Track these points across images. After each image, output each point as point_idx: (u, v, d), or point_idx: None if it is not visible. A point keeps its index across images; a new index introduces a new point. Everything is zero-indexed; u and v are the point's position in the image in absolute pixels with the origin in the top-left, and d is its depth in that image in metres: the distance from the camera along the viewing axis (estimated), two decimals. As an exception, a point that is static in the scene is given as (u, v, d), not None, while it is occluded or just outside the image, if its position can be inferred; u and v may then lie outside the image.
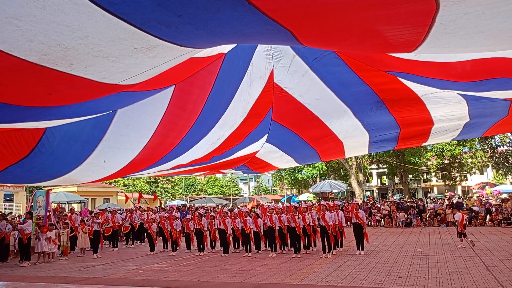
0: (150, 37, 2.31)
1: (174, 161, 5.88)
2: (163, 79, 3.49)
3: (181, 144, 4.94)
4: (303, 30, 2.44)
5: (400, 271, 7.98)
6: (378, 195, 48.79)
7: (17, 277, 9.24)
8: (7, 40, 2.00)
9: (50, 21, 1.98)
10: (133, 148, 4.22)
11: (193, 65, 3.63)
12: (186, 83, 4.00)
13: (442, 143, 33.57)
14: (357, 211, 10.77)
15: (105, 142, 3.74)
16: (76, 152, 3.66)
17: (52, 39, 2.08)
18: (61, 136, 3.36)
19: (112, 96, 2.91)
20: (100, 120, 3.52)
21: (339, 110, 6.13)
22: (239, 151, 6.81)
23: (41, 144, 3.29)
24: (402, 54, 4.09)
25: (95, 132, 3.59)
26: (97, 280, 8.48)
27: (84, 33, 2.12)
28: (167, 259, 11.27)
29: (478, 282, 6.72)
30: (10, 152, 3.23)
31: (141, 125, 4.00)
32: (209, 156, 6.35)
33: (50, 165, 3.60)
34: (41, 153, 3.37)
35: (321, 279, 7.48)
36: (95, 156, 3.87)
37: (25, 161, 3.39)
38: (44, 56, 2.16)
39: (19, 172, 3.61)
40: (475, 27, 2.29)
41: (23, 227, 11.15)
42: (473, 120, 6.13)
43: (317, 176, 37.80)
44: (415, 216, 19.13)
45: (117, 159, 4.24)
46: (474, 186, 40.27)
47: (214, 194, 47.95)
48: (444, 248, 10.92)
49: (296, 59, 4.99)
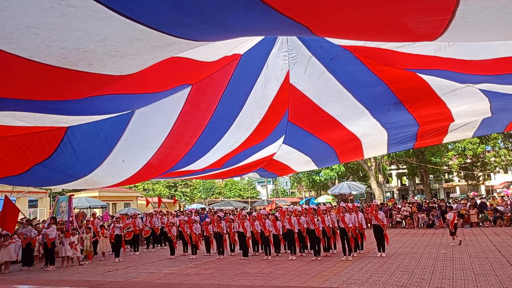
0: (167, 36, 2.37)
1: (192, 165, 5.91)
2: (180, 79, 3.56)
3: (197, 145, 4.98)
4: (319, 25, 2.44)
5: (424, 273, 7.81)
6: (398, 196, 48.00)
7: (42, 281, 9.46)
8: (27, 48, 2.08)
9: (69, 28, 2.06)
10: (150, 147, 4.32)
11: (211, 67, 3.68)
12: (202, 84, 4.05)
13: (463, 142, 32.80)
14: (377, 212, 10.62)
15: (123, 141, 3.86)
16: (95, 151, 3.78)
17: (71, 43, 2.16)
18: (81, 135, 3.50)
19: (133, 96, 2.98)
20: (119, 119, 3.63)
21: (357, 112, 6.06)
22: (256, 153, 6.80)
23: (63, 144, 3.43)
24: (422, 51, 4.02)
25: (113, 131, 3.71)
26: (120, 283, 8.60)
27: (102, 37, 2.20)
28: (187, 262, 11.34)
29: (506, 284, 6.52)
30: (33, 153, 3.37)
31: (157, 124, 4.10)
32: (227, 157, 6.37)
33: (72, 164, 3.73)
34: (63, 153, 3.50)
35: (342, 282, 7.39)
36: (114, 155, 3.98)
37: (48, 161, 3.52)
38: (64, 60, 2.25)
39: (43, 172, 3.73)
40: (497, 20, 2.24)
41: (47, 232, 11.41)
42: (495, 115, 5.96)
43: (335, 178, 37.47)
44: (437, 217, 18.73)
45: (135, 158, 4.34)
46: (498, 186, 39.20)
47: (233, 197, 48.07)
48: (468, 250, 10.64)
49: (312, 60, 4.95)
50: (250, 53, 4.14)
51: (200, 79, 3.92)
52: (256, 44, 4.10)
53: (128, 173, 4.62)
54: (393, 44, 4.06)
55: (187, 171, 6.94)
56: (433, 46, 3.94)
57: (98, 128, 3.56)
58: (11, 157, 3.37)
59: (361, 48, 4.43)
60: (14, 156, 3.35)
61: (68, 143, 3.44)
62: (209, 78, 4.07)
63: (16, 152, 3.30)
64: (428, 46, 3.96)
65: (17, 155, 3.35)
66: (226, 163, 7.01)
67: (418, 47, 4.01)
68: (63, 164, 3.64)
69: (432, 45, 3.92)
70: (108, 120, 3.54)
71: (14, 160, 3.42)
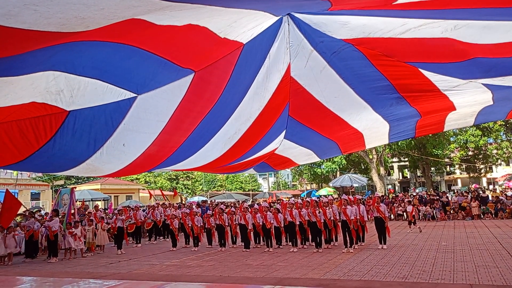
0: (164, 2, 2.52)
1: (192, 158, 5.89)
2: (183, 60, 3.59)
3: (196, 132, 4.98)
4: None
5: (425, 265, 7.84)
6: (400, 189, 48.02)
7: (45, 273, 9.53)
8: (26, 21, 2.21)
9: (66, 2, 2.18)
10: (151, 132, 4.37)
11: (213, 48, 3.68)
12: (205, 72, 4.05)
13: (465, 135, 32.73)
14: (379, 205, 10.64)
15: (124, 125, 3.92)
16: (96, 134, 3.84)
17: (69, 14, 2.31)
18: (83, 118, 3.55)
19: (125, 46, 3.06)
20: (121, 104, 3.66)
21: (359, 107, 6.01)
22: (258, 152, 6.80)
23: (64, 127, 3.50)
24: (426, 34, 4.00)
25: (114, 115, 3.77)
26: (122, 275, 8.66)
27: (99, 7, 2.34)
28: (189, 254, 11.41)
29: (507, 276, 6.54)
30: (35, 138, 3.42)
31: (159, 110, 4.15)
32: (228, 156, 6.36)
33: (73, 146, 3.79)
34: (64, 135, 3.59)
35: (343, 274, 7.43)
36: (115, 139, 4.04)
37: (49, 144, 3.57)
38: (62, 26, 2.41)
39: (45, 157, 3.76)
40: None
41: (50, 225, 11.47)
42: (496, 103, 5.93)
43: (336, 171, 37.48)
44: (439, 209, 18.76)
45: (135, 143, 4.39)
46: (500, 178, 39.13)
47: (234, 190, 48.21)
48: (469, 242, 10.67)
49: (313, 54, 4.90)
50: (253, 43, 4.11)
51: (204, 66, 3.92)
52: (258, 35, 4.07)
53: (128, 158, 4.64)
54: (397, 30, 4.03)
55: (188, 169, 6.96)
56: (439, 28, 3.91)
57: (101, 111, 3.62)
58: (13, 142, 3.41)
59: (364, 40, 4.38)
60: (16, 141, 3.40)
61: (69, 126, 3.51)
62: (213, 67, 4.06)
63: (17, 137, 3.34)
64: (434, 29, 3.94)
65: (19, 140, 3.39)
66: (229, 164, 7.03)
67: (424, 29, 3.98)
68: (65, 145, 3.70)
69: (438, 27, 3.90)
70: (110, 105, 3.59)
71: (17, 145, 3.46)
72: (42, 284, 5.17)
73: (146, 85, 3.68)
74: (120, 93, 3.57)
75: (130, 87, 3.59)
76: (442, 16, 3.70)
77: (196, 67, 3.91)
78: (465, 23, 3.76)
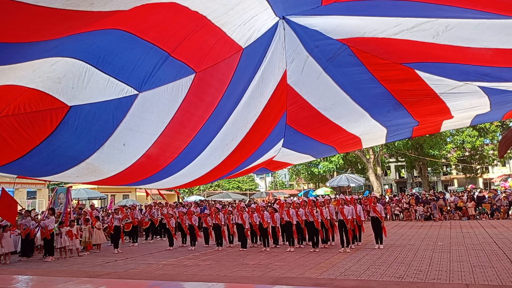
0: None
1: (191, 165, 5.81)
2: (182, 52, 3.57)
3: (197, 138, 4.95)
4: None
5: (421, 265, 7.87)
6: (396, 189, 48.14)
7: (41, 272, 9.50)
8: None
9: None
10: (151, 133, 4.33)
11: (210, 41, 3.65)
12: (206, 74, 4.03)
13: (462, 135, 32.85)
14: (375, 205, 10.67)
15: (124, 124, 3.87)
16: (97, 132, 3.81)
17: None
18: (84, 115, 3.52)
19: (124, 33, 3.03)
20: (122, 101, 3.62)
21: (356, 115, 5.99)
22: (256, 160, 6.81)
23: (64, 123, 3.45)
24: (419, 37, 3.99)
25: (115, 112, 3.73)
26: (118, 274, 8.64)
27: None
28: (186, 253, 11.40)
29: (502, 276, 6.57)
30: (34, 133, 3.39)
31: (159, 110, 4.10)
32: (227, 165, 6.36)
33: (73, 143, 3.75)
34: (64, 132, 3.54)
35: (340, 273, 7.44)
36: (115, 138, 4.00)
37: (49, 140, 3.54)
38: (67, 2, 2.40)
39: (44, 154, 3.73)
40: None
41: (46, 223, 11.43)
42: (493, 107, 5.95)
43: (333, 170, 37.52)
44: (435, 207, 18.84)
45: (136, 143, 4.35)
46: (496, 179, 39.33)
47: (231, 189, 48.17)
48: (465, 242, 10.71)
49: (309, 61, 4.87)
50: (252, 47, 4.10)
51: (203, 68, 3.91)
52: (256, 40, 4.07)
53: (128, 159, 4.60)
54: (391, 30, 4.02)
55: (189, 183, 6.92)
56: (430, 30, 3.90)
57: (101, 109, 3.59)
58: (12, 138, 3.38)
59: (359, 40, 4.37)
60: (14, 136, 3.37)
61: (70, 122, 3.47)
62: (214, 70, 4.04)
63: (16, 132, 3.32)
64: (425, 31, 3.93)
65: (18, 135, 3.37)
66: (228, 174, 7.04)
67: (416, 32, 3.97)
68: (65, 142, 3.67)
69: (430, 29, 3.89)
70: (111, 102, 3.56)
71: (16, 141, 3.44)
72: (38, 282, 5.15)
73: (147, 81, 3.65)
74: (122, 88, 3.52)
75: (131, 81, 3.55)
76: (434, 14, 3.67)
77: (196, 66, 3.88)
78: (457, 22, 3.73)
